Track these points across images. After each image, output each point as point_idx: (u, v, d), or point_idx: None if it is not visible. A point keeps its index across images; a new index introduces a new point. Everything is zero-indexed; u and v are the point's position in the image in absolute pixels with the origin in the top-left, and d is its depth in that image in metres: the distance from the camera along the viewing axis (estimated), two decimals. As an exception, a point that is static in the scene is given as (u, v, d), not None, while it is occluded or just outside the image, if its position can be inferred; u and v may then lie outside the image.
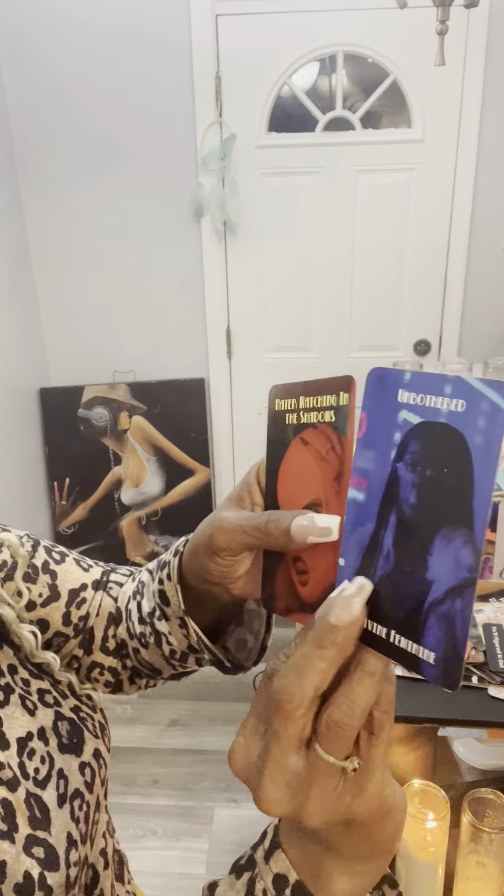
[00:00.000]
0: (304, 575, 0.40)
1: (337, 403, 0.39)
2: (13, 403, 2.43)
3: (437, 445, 0.32)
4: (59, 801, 0.46)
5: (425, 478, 0.33)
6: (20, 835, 0.41)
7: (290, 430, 0.42)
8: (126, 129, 2.40)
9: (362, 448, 0.35)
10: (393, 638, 0.33)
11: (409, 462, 0.33)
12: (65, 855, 0.44)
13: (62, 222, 2.52)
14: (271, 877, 0.36)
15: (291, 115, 2.40)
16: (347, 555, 0.36)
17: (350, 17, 2.25)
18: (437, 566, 0.32)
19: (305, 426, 0.41)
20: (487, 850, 0.91)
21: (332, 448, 0.39)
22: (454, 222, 2.46)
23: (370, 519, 0.35)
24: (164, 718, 2.29)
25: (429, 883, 0.92)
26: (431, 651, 0.32)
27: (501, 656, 1.12)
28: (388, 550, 0.34)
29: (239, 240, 2.52)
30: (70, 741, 0.50)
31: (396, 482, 0.34)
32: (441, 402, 0.32)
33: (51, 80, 2.35)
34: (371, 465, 0.35)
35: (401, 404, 0.34)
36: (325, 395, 0.40)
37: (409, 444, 0.33)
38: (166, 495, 2.73)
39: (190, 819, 1.97)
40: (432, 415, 0.32)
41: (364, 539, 0.35)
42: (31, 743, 0.47)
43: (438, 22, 1.48)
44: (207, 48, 2.29)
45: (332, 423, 0.39)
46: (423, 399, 0.33)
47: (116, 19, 2.27)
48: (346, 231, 2.50)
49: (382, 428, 0.34)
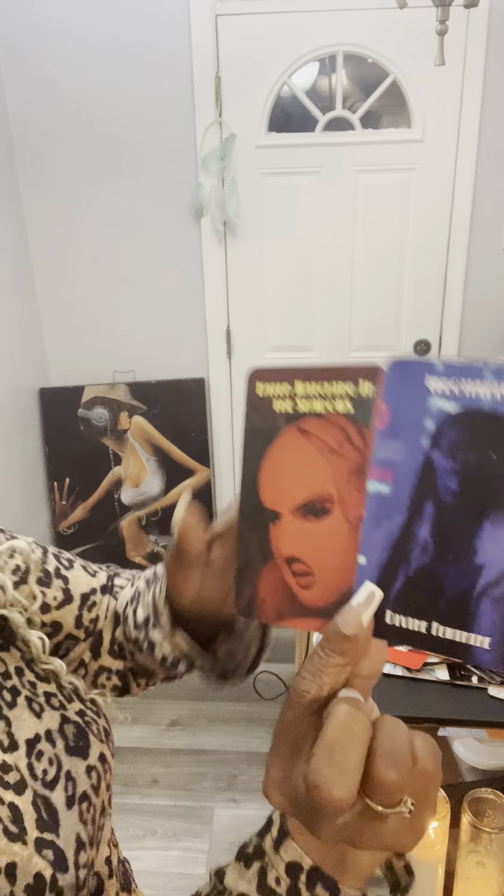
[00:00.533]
0: (306, 577, 0.38)
1: (357, 394, 0.36)
2: (13, 403, 2.43)
3: (480, 431, 0.32)
4: (67, 804, 0.46)
5: (468, 464, 0.32)
6: (30, 837, 0.41)
7: (282, 418, 0.39)
8: (126, 129, 2.40)
9: (385, 439, 0.35)
10: (435, 630, 0.33)
11: (449, 449, 0.33)
12: (74, 857, 0.44)
13: (62, 222, 2.52)
14: (283, 865, 0.36)
15: (291, 115, 2.40)
16: (370, 552, 0.35)
17: (350, 17, 2.25)
18: (487, 550, 0.32)
19: (307, 415, 0.38)
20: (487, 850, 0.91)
21: (347, 440, 0.37)
22: (454, 222, 2.46)
23: (399, 511, 0.34)
24: (164, 718, 2.29)
25: (429, 883, 0.92)
26: (486, 636, 0.32)
27: (501, 656, 1.12)
28: (424, 541, 0.34)
29: (239, 240, 2.52)
30: (76, 744, 0.50)
31: (432, 471, 0.33)
32: (483, 389, 0.32)
33: (51, 81, 2.35)
34: (398, 455, 0.34)
35: (431, 392, 0.33)
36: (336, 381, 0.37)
37: (446, 432, 0.33)
38: (166, 495, 2.73)
39: (190, 819, 1.97)
40: (473, 402, 0.32)
41: (392, 533, 0.34)
42: (39, 745, 0.47)
43: (438, 22, 1.48)
44: (207, 48, 2.29)
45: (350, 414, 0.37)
46: (459, 387, 0.33)
47: (116, 19, 2.27)
48: (346, 231, 2.50)
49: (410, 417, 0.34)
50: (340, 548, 0.36)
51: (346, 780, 0.31)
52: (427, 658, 1.15)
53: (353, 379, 0.37)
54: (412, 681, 1.12)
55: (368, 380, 0.36)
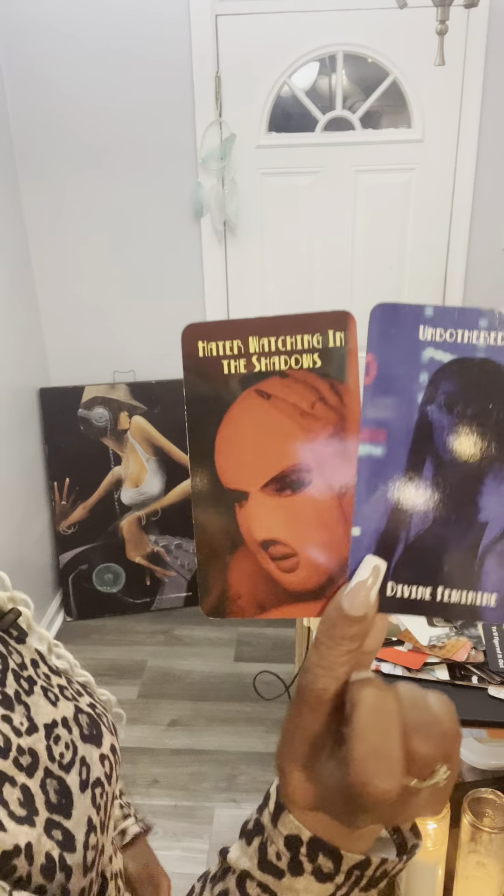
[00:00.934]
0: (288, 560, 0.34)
1: (323, 345, 0.32)
2: (13, 403, 2.43)
3: (477, 382, 0.30)
4: (81, 787, 0.47)
5: (466, 417, 0.31)
6: (40, 818, 0.42)
7: (235, 381, 0.33)
8: (126, 128, 2.39)
9: (374, 396, 0.31)
10: (440, 595, 0.32)
11: (445, 403, 0.31)
12: (84, 838, 0.44)
13: (62, 222, 2.52)
14: (282, 839, 0.35)
15: (291, 115, 2.40)
16: (365, 521, 0.32)
17: (350, 17, 2.25)
18: (490, 505, 0.31)
19: (264, 375, 0.33)
20: (487, 850, 0.91)
21: (320, 399, 0.32)
22: (454, 222, 2.46)
23: (395, 474, 0.31)
24: (164, 718, 2.29)
25: (429, 883, 0.92)
26: (493, 592, 0.31)
27: (501, 656, 1.12)
28: (424, 504, 0.32)
29: (239, 240, 2.52)
30: (90, 733, 0.51)
31: (429, 427, 0.31)
32: (477, 336, 0.30)
33: (51, 81, 2.35)
34: (390, 413, 0.31)
35: (424, 342, 0.31)
36: (298, 335, 0.33)
37: (441, 384, 0.31)
38: (166, 495, 2.73)
39: (190, 819, 1.97)
40: (467, 350, 0.30)
41: (390, 498, 0.32)
42: (57, 730, 0.48)
43: (438, 22, 1.48)
44: (207, 48, 2.29)
45: (318, 368, 0.32)
46: (452, 335, 0.30)
47: (116, 20, 2.27)
48: (346, 231, 2.50)
49: (401, 370, 0.31)
50: (326, 521, 0.33)
51: (393, 769, 0.30)
52: (427, 658, 1.15)
53: (319, 330, 0.33)
54: (412, 681, 1.12)
55: (338, 329, 0.33)
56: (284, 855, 0.35)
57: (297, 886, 0.35)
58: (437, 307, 0.30)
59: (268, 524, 0.34)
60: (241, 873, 0.37)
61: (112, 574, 2.76)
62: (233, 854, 0.38)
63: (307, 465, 0.33)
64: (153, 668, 2.51)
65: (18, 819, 0.40)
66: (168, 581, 2.79)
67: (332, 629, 0.31)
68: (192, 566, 2.78)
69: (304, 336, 0.33)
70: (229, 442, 0.34)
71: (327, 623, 0.32)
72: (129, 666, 2.52)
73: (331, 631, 0.31)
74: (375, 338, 0.31)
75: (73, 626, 2.74)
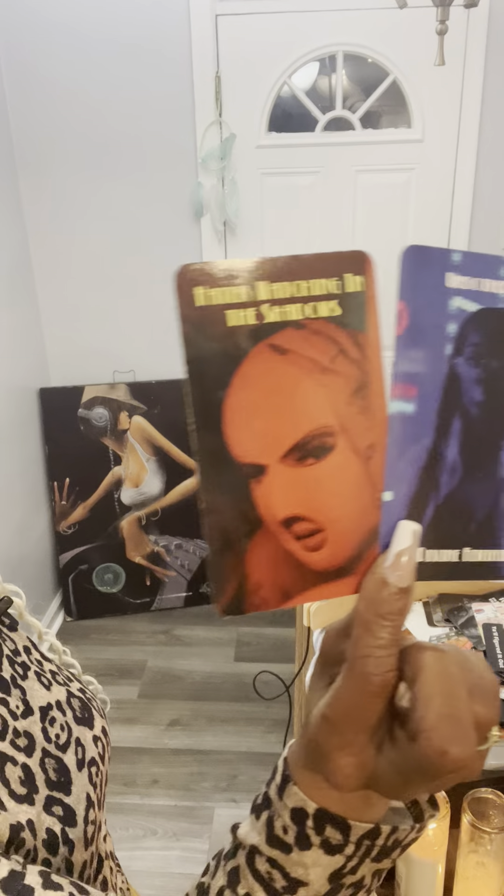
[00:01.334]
0: (314, 537, 0.30)
1: (341, 290, 0.29)
2: (13, 403, 2.43)
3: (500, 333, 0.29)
4: (78, 766, 0.48)
5: (491, 370, 0.29)
6: (40, 796, 0.43)
7: (244, 335, 0.29)
8: (126, 128, 2.40)
9: (406, 347, 0.29)
10: (465, 556, 0.30)
11: (472, 355, 0.29)
12: (84, 813, 0.45)
13: (62, 222, 2.52)
14: (288, 812, 0.34)
15: (291, 115, 2.40)
16: (397, 484, 0.29)
17: (350, 17, 2.25)
18: None
19: (278, 327, 0.29)
20: (487, 850, 0.90)
21: (341, 352, 0.29)
22: (454, 222, 2.46)
23: (426, 432, 0.29)
24: (164, 718, 2.29)
25: (429, 883, 0.92)
26: None
27: (501, 656, 1.12)
28: (453, 462, 0.30)
29: (239, 239, 2.52)
30: (83, 715, 0.52)
31: (457, 381, 0.29)
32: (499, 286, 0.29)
33: (51, 81, 2.35)
34: (421, 366, 0.29)
35: (451, 290, 0.29)
36: (312, 279, 0.29)
37: (469, 336, 0.29)
38: (166, 495, 2.73)
39: (190, 819, 1.97)
40: (491, 300, 0.29)
41: (420, 457, 0.30)
42: (52, 712, 0.49)
43: (438, 22, 1.47)
44: (207, 48, 2.29)
45: (337, 317, 0.29)
46: (479, 283, 0.29)
47: (116, 20, 2.27)
48: (346, 231, 2.50)
49: (431, 320, 0.29)
50: (354, 488, 0.30)
51: (468, 734, 0.28)
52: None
53: (335, 273, 0.29)
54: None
55: (356, 272, 0.30)
56: (291, 829, 0.33)
57: (306, 861, 0.33)
58: (465, 253, 0.29)
59: (290, 499, 0.30)
60: (250, 849, 0.36)
61: (112, 574, 2.76)
62: (242, 829, 0.37)
63: (331, 427, 0.30)
64: (153, 668, 2.51)
65: (18, 798, 0.41)
66: (168, 581, 2.79)
67: (381, 606, 0.29)
68: (192, 566, 2.78)
69: (321, 280, 0.29)
70: (241, 408, 0.29)
71: (373, 601, 0.29)
72: (129, 666, 2.52)
73: (379, 609, 0.29)
74: (407, 284, 0.29)
75: (73, 626, 2.74)
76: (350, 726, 0.31)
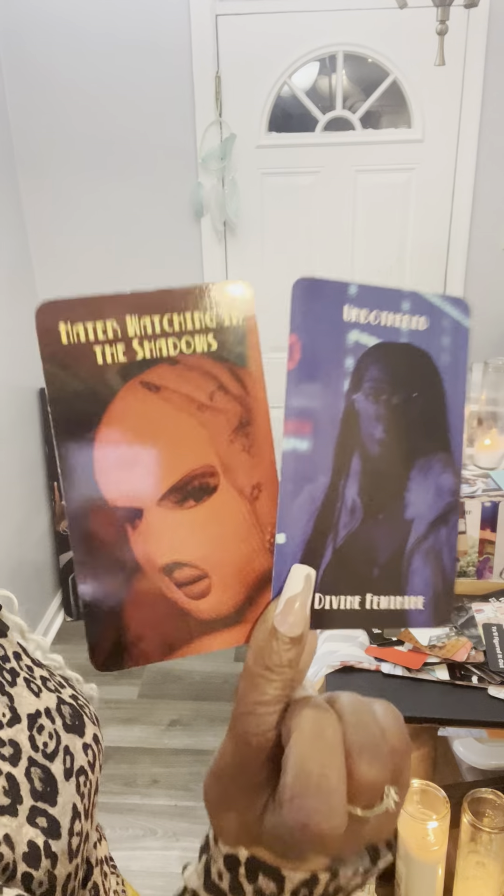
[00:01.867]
0: (198, 583, 0.29)
1: (219, 324, 0.28)
2: (13, 403, 2.43)
3: (401, 368, 0.28)
4: (65, 775, 0.47)
5: (392, 407, 0.28)
6: (24, 807, 0.42)
7: (113, 372, 0.27)
8: (126, 128, 2.40)
9: (299, 382, 0.27)
10: (369, 603, 0.29)
11: (371, 391, 0.28)
12: (69, 825, 0.44)
13: (62, 222, 2.52)
14: (222, 858, 0.32)
15: (291, 115, 2.40)
16: (291, 526, 0.28)
17: (350, 17, 2.25)
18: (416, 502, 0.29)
19: (150, 363, 0.27)
20: (487, 850, 0.91)
21: (220, 388, 0.28)
22: (454, 222, 2.46)
23: (322, 471, 0.28)
24: (164, 718, 2.29)
25: (429, 883, 0.92)
26: (420, 595, 0.29)
27: (501, 656, 1.12)
28: (352, 502, 0.28)
29: (239, 240, 2.52)
30: (73, 723, 0.52)
31: (356, 418, 0.28)
32: (399, 319, 0.28)
33: (51, 80, 2.35)
34: (317, 402, 0.28)
35: (348, 324, 0.28)
36: (188, 311, 0.28)
37: (367, 371, 0.28)
38: (166, 495, 2.73)
39: (190, 819, 1.97)
40: (391, 335, 0.28)
41: (317, 498, 0.28)
42: (40, 720, 0.48)
43: (438, 22, 1.47)
44: (207, 48, 2.29)
45: (215, 352, 0.28)
46: (377, 317, 0.28)
47: (116, 19, 2.27)
48: (346, 231, 2.50)
49: (326, 354, 0.28)
50: (240, 530, 0.28)
51: (335, 805, 0.26)
52: (427, 658, 1.15)
53: (209, 306, 0.28)
54: (412, 681, 1.12)
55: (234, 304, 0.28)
56: (225, 875, 0.31)
57: None
58: (361, 285, 0.28)
59: (170, 544, 0.28)
60: (192, 893, 0.34)
61: (112, 574, 2.76)
62: (188, 871, 0.35)
63: (211, 467, 0.28)
64: (153, 668, 2.51)
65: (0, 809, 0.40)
66: (168, 581, 2.79)
67: (269, 658, 0.27)
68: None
69: (195, 314, 0.28)
70: (112, 449, 0.27)
71: (261, 652, 0.28)
72: (129, 666, 2.52)
73: (267, 661, 0.27)
74: (299, 317, 0.27)
75: (73, 626, 2.74)
76: (232, 784, 0.30)
